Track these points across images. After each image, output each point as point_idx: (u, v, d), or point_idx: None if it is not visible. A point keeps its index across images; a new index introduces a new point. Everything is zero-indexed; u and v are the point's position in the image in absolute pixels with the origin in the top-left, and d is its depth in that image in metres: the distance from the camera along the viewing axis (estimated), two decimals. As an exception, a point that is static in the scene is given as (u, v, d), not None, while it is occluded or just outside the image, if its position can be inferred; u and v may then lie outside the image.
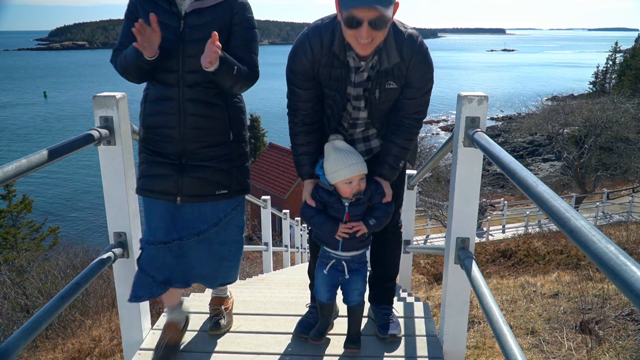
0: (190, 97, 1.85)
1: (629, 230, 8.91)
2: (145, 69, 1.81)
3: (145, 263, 1.91)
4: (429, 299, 4.76)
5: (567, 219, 0.87)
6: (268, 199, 5.83)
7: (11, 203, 16.74)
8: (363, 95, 1.97)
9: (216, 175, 1.94)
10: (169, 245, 1.91)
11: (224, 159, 1.95)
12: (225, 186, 1.97)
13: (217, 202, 1.98)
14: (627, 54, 49.50)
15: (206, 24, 1.81)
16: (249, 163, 2.08)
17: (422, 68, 1.89)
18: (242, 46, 1.89)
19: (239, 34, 1.89)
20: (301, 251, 9.76)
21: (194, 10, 1.82)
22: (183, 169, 1.90)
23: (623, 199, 21.45)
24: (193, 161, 1.91)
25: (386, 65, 1.86)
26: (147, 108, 1.93)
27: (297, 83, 1.93)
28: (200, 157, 1.91)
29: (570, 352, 2.76)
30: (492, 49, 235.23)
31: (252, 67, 1.90)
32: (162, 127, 1.89)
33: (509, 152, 1.39)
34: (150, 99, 1.92)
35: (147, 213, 1.96)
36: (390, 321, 2.26)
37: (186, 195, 1.91)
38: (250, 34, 1.91)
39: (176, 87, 1.85)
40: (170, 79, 1.85)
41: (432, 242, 17.84)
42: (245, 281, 4.64)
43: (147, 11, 1.79)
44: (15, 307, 6.16)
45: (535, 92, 45.03)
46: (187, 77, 1.84)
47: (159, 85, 1.88)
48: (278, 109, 58.52)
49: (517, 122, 39.47)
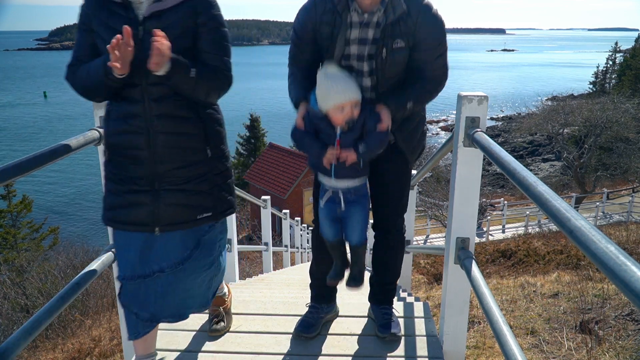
0: (158, 113, 1.63)
1: (629, 230, 8.91)
2: (112, 88, 1.62)
3: (127, 300, 1.76)
4: (429, 299, 4.76)
5: (567, 219, 0.87)
6: (268, 199, 5.83)
7: (11, 203, 16.74)
8: (367, 58, 1.90)
9: (196, 198, 1.73)
10: (149, 278, 1.73)
11: (203, 179, 1.74)
12: (208, 208, 1.77)
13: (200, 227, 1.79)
14: (627, 54, 49.49)
15: (167, 28, 1.58)
16: (232, 180, 1.89)
17: (430, 23, 1.84)
18: (209, 49, 1.68)
19: (206, 35, 1.67)
20: (301, 251, 9.76)
21: (153, 14, 1.61)
22: (157, 195, 1.68)
23: (623, 199, 21.45)
24: (167, 185, 1.69)
25: (392, 18, 1.81)
26: (110, 126, 1.70)
27: (299, 36, 1.95)
28: (175, 180, 1.69)
29: (570, 352, 2.76)
30: (492, 49, 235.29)
31: (223, 71, 1.69)
32: (129, 148, 1.66)
33: (509, 152, 1.39)
34: (114, 117, 1.69)
35: (120, 246, 1.77)
36: (391, 320, 2.26)
37: (165, 225, 1.71)
38: (218, 33, 1.69)
39: (141, 102, 1.63)
40: (134, 93, 1.63)
41: (432, 242, 17.84)
42: (245, 281, 4.64)
43: (102, 20, 1.62)
44: (15, 307, 6.16)
45: (535, 92, 45.05)
46: (152, 90, 1.62)
47: (122, 102, 1.66)
48: (278, 109, 58.70)
49: (517, 122, 39.47)
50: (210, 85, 1.66)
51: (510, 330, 1.31)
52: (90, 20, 1.65)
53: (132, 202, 1.69)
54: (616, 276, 0.67)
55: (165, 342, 2.21)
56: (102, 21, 1.61)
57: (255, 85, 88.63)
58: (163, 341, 2.21)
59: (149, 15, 1.60)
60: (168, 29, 1.57)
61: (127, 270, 1.73)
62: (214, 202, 1.79)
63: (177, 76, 1.57)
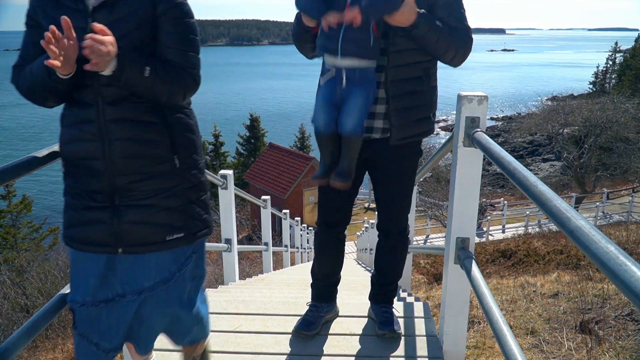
0: (113, 117, 1.42)
1: (629, 230, 8.91)
2: (59, 91, 1.42)
3: (85, 328, 1.50)
4: (429, 299, 4.76)
5: (567, 219, 0.87)
6: (268, 199, 5.83)
7: (11, 203, 16.76)
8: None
9: (164, 215, 1.49)
10: (111, 303, 1.50)
11: (171, 193, 1.50)
12: (180, 228, 1.53)
13: (169, 251, 1.53)
14: (627, 54, 49.51)
15: (121, 20, 1.39)
16: (207, 195, 1.65)
17: None
18: (170, 43, 1.45)
19: (166, 27, 1.45)
20: (301, 251, 9.76)
21: (104, 3, 1.39)
22: (117, 212, 1.46)
23: (623, 199, 21.45)
24: (129, 200, 1.46)
25: None
26: (63, 134, 1.50)
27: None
28: (138, 194, 1.46)
29: (570, 352, 2.76)
30: (492, 49, 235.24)
31: (188, 69, 1.47)
32: (83, 158, 1.45)
33: (509, 152, 1.39)
34: (67, 123, 1.49)
35: (77, 267, 1.53)
36: (391, 318, 2.26)
37: (129, 245, 1.48)
38: (181, 26, 1.46)
39: (94, 105, 1.42)
40: (86, 96, 1.43)
41: (432, 242, 17.85)
42: (245, 281, 4.64)
43: (47, 13, 1.42)
44: (15, 307, 6.17)
45: (535, 92, 45.03)
46: (106, 92, 1.41)
47: (75, 106, 1.46)
48: (278, 109, 58.76)
49: (517, 122, 39.48)
50: (172, 85, 1.44)
51: (510, 330, 1.31)
52: (36, 14, 1.45)
53: (90, 220, 1.47)
54: (616, 276, 0.67)
55: (165, 342, 2.20)
56: (48, 14, 1.41)
57: (255, 85, 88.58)
58: (163, 341, 2.20)
59: (98, 5, 1.39)
60: (121, 21, 1.39)
61: (86, 295, 1.49)
62: (186, 220, 1.54)
63: (127, 76, 1.35)
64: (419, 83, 1.99)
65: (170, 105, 1.50)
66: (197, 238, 1.59)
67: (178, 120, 1.53)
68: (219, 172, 3.75)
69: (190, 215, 1.55)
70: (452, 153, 1.99)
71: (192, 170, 1.56)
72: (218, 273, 8.37)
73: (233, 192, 3.82)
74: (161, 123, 1.48)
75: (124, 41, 1.35)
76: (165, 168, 1.49)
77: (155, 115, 1.47)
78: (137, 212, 1.47)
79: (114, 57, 1.31)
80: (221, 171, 3.76)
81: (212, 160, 30.34)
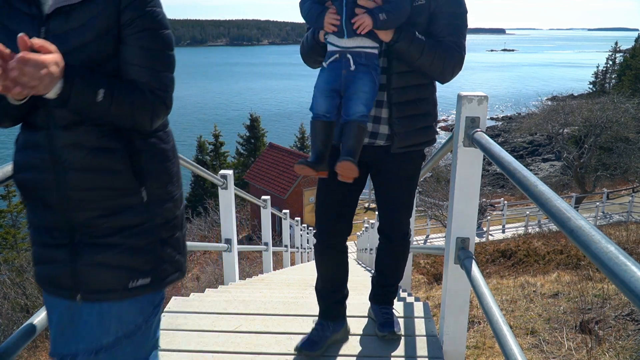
0: (67, 143, 1.19)
1: (629, 230, 8.91)
2: (14, 115, 1.22)
3: None
4: (429, 299, 4.76)
5: (567, 219, 0.87)
6: (268, 199, 5.83)
7: (11, 203, 16.78)
8: None
9: (128, 257, 1.25)
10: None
11: (137, 231, 1.26)
12: (146, 272, 1.28)
13: (133, 299, 1.28)
14: (627, 54, 49.57)
15: (77, 30, 1.16)
16: (182, 233, 1.40)
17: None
18: (137, 60, 1.20)
19: (132, 40, 1.20)
20: (301, 251, 9.77)
21: (59, 9, 1.16)
22: (76, 252, 1.23)
23: (623, 199, 21.45)
24: (89, 238, 1.23)
25: None
26: (15, 159, 1.30)
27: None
28: (99, 232, 1.24)
29: (570, 352, 2.76)
30: (492, 49, 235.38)
31: (157, 91, 1.23)
32: (37, 188, 1.24)
33: (509, 152, 1.39)
34: (20, 147, 1.27)
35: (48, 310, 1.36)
36: (391, 319, 2.26)
37: (88, 292, 1.24)
38: (152, 38, 1.21)
39: (44, 129, 1.19)
40: (37, 118, 1.21)
41: (432, 242, 17.85)
42: (245, 281, 4.65)
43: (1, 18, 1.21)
44: (15, 307, 6.17)
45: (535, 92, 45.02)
46: (58, 114, 1.18)
47: (27, 128, 1.25)
48: (278, 108, 58.78)
49: (517, 122, 39.50)
50: (134, 111, 1.20)
51: (510, 330, 1.31)
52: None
53: (49, 259, 1.27)
54: (616, 276, 0.67)
55: (166, 342, 2.21)
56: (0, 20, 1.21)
57: (255, 85, 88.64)
58: (163, 341, 2.21)
59: (53, 11, 1.16)
60: (78, 31, 1.16)
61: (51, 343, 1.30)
62: (154, 263, 1.30)
63: (76, 100, 1.11)
64: (424, 90, 1.96)
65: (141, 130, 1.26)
66: (166, 284, 1.35)
67: (149, 145, 1.29)
68: (219, 172, 3.75)
69: (159, 258, 1.31)
70: (452, 153, 1.99)
71: (166, 204, 1.33)
72: (218, 273, 8.38)
73: (233, 192, 3.82)
74: (125, 150, 1.24)
75: (79, 55, 1.15)
76: (131, 202, 1.26)
77: (118, 141, 1.23)
78: (97, 251, 1.24)
79: (58, 78, 1.07)
80: (221, 171, 3.76)
81: (212, 160, 30.36)
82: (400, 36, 1.74)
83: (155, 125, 1.27)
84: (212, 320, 2.46)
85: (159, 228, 1.31)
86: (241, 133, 32.55)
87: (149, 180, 1.28)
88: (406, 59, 1.82)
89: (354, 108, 1.73)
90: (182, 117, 57.25)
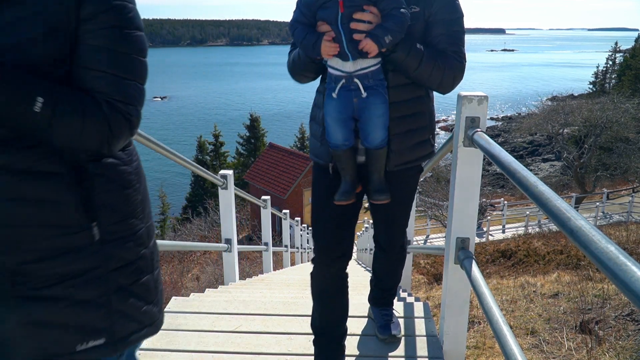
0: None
1: (629, 230, 8.91)
2: None
3: None
4: (429, 299, 4.76)
5: (567, 219, 0.87)
6: (268, 199, 5.83)
7: (11, 203, 16.70)
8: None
9: (74, 313, 0.98)
10: None
11: (87, 279, 0.98)
12: (99, 331, 1.01)
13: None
14: (627, 54, 49.63)
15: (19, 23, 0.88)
16: (152, 276, 1.12)
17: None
18: (97, 64, 0.94)
19: (92, 39, 0.94)
20: (301, 251, 9.77)
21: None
22: (8, 307, 0.94)
23: (623, 199, 21.46)
24: (25, 289, 0.94)
25: None
26: None
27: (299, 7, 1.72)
28: (36, 281, 0.94)
29: (570, 352, 2.76)
30: (492, 49, 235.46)
31: (118, 103, 0.96)
32: None
33: (509, 152, 1.39)
34: None
35: None
36: (391, 322, 2.26)
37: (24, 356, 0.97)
38: (117, 39, 0.96)
39: None
40: None
41: (432, 242, 17.85)
42: (245, 281, 4.65)
43: None
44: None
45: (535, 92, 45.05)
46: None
47: None
48: (278, 109, 58.89)
49: (517, 122, 39.51)
50: (85, 127, 0.92)
51: (510, 330, 1.31)
52: None
53: None
54: (616, 276, 0.67)
55: (166, 342, 2.21)
56: None
57: (255, 85, 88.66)
58: (163, 341, 2.21)
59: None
60: (20, 25, 0.88)
61: None
62: (110, 319, 1.02)
63: (7, 111, 0.85)
64: (420, 104, 1.84)
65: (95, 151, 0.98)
66: (128, 344, 1.06)
67: (104, 168, 1.01)
68: (219, 172, 3.75)
69: (117, 311, 1.03)
70: (452, 153, 1.99)
71: (126, 243, 1.05)
72: (218, 273, 8.38)
73: (233, 192, 3.82)
74: (69, 175, 0.95)
75: (16, 54, 0.88)
76: (78, 242, 0.97)
77: (59, 164, 0.94)
78: (36, 305, 0.95)
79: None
80: (221, 171, 3.76)
81: (212, 160, 30.36)
82: (398, 46, 1.65)
83: (114, 148, 1.00)
84: (212, 320, 2.46)
85: (116, 274, 1.03)
86: (241, 133, 32.56)
87: (102, 214, 1.00)
88: (403, 70, 1.72)
89: (373, 135, 1.71)
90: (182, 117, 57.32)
